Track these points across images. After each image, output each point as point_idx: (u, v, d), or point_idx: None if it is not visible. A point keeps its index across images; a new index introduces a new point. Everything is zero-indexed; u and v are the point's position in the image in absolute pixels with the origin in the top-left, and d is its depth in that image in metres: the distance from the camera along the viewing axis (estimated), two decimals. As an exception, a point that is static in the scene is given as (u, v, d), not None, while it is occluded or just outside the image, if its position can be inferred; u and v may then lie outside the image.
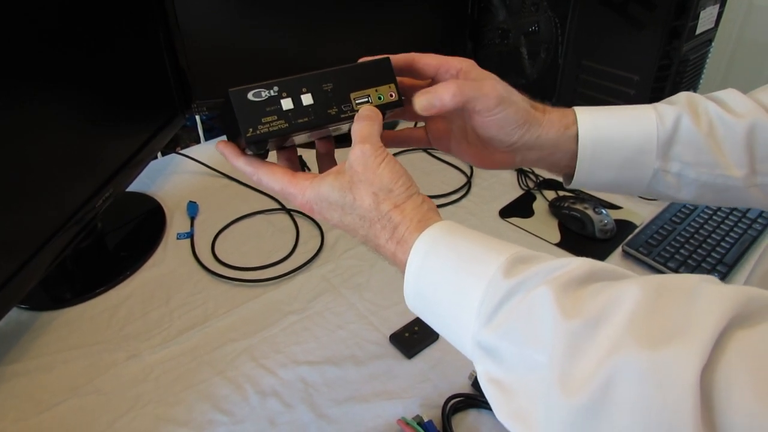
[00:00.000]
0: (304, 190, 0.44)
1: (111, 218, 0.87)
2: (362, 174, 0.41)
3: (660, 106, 0.50)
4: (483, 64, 0.49)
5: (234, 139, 0.47)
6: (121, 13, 0.79)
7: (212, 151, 1.08)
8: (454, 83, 0.45)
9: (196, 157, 1.04)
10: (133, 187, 0.91)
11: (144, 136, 0.87)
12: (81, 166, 0.73)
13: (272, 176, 0.46)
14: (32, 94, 0.63)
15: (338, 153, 0.51)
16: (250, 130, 0.42)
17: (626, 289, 0.31)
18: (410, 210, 0.41)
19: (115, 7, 0.77)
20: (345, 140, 0.44)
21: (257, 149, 0.45)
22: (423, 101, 0.45)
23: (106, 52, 0.76)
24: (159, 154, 1.06)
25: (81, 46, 0.70)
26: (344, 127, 0.47)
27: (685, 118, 0.48)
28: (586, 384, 0.28)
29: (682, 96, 0.51)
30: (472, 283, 0.36)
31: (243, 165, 0.46)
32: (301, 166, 0.77)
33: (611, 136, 0.49)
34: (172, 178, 1.01)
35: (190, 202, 0.91)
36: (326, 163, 0.51)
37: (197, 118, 1.50)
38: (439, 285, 0.38)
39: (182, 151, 1.07)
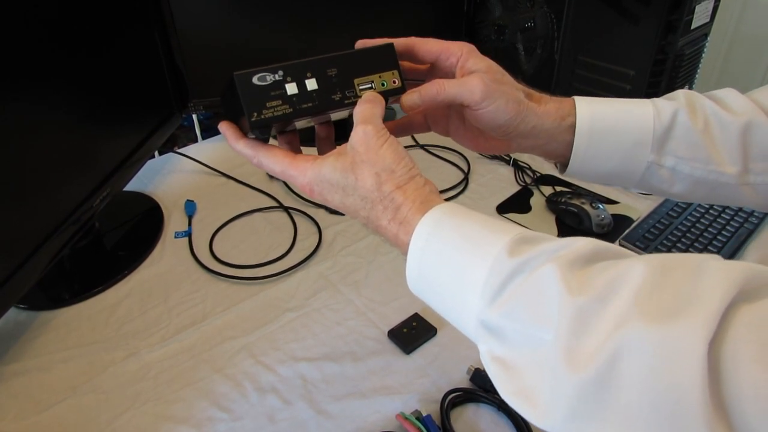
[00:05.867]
0: (305, 171, 0.44)
1: (109, 218, 0.87)
2: (364, 154, 0.41)
3: (658, 101, 0.50)
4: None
5: (236, 121, 0.46)
6: (117, 12, 0.79)
7: (210, 149, 1.09)
8: (437, 83, 0.45)
9: (193, 156, 1.04)
10: (130, 187, 0.91)
11: (141, 135, 0.87)
12: (78, 165, 0.73)
13: (273, 158, 0.45)
14: (28, 94, 0.63)
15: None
16: (255, 114, 0.42)
17: (632, 267, 0.31)
18: (412, 191, 0.41)
19: (110, 6, 0.77)
20: (344, 137, 0.44)
21: (261, 134, 0.45)
22: (409, 101, 0.46)
23: (102, 51, 0.76)
24: (156, 153, 1.06)
25: (77, 45, 0.70)
26: (346, 112, 0.47)
27: (681, 114, 0.49)
28: (593, 358, 0.29)
29: (681, 93, 0.51)
30: (476, 263, 0.36)
31: (243, 148, 0.46)
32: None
33: (608, 127, 0.49)
34: (170, 177, 1.01)
35: (188, 200, 0.92)
36: (326, 146, 0.51)
37: (194, 117, 1.50)
38: (442, 265, 0.38)
39: (179, 150, 1.07)
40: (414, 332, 0.67)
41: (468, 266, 0.36)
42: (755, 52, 1.98)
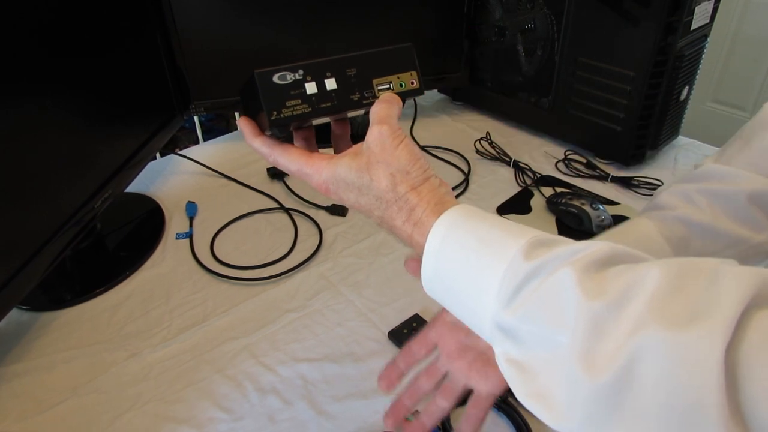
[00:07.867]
0: (320, 170, 0.44)
1: (110, 219, 0.88)
2: (380, 155, 0.41)
3: (664, 200, 0.57)
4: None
5: (254, 117, 0.47)
6: (118, 15, 0.79)
7: (211, 151, 1.09)
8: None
9: (194, 158, 1.04)
10: (132, 188, 0.92)
11: (142, 137, 0.87)
12: (80, 167, 0.73)
13: (288, 157, 0.45)
14: (31, 96, 0.63)
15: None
16: (275, 113, 0.42)
17: (647, 271, 0.31)
18: (427, 192, 0.41)
19: (112, 9, 0.77)
20: (358, 138, 0.44)
21: (280, 132, 0.45)
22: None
23: (104, 54, 0.76)
24: (158, 154, 1.06)
25: (79, 48, 0.71)
26: (363, 111, 0.47)
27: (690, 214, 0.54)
28: (610, 363, 0.29)
29: (665, 197, 0.57)
30: (492, 266, 0.36)
31: (260, 146, 0.46)
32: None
33: None
34: (171, 178, 1.01)
35: (189, 202, 0.92)
36: (342, 144, 0.51)
37: (195, 119, 1.50)
38: (458, 267, 0.38)
39: (181, 152, 1.08)
40: (414, 333, 0.66)
41: (483, 269, 0.36)
42: (756, 53, 1.98)
